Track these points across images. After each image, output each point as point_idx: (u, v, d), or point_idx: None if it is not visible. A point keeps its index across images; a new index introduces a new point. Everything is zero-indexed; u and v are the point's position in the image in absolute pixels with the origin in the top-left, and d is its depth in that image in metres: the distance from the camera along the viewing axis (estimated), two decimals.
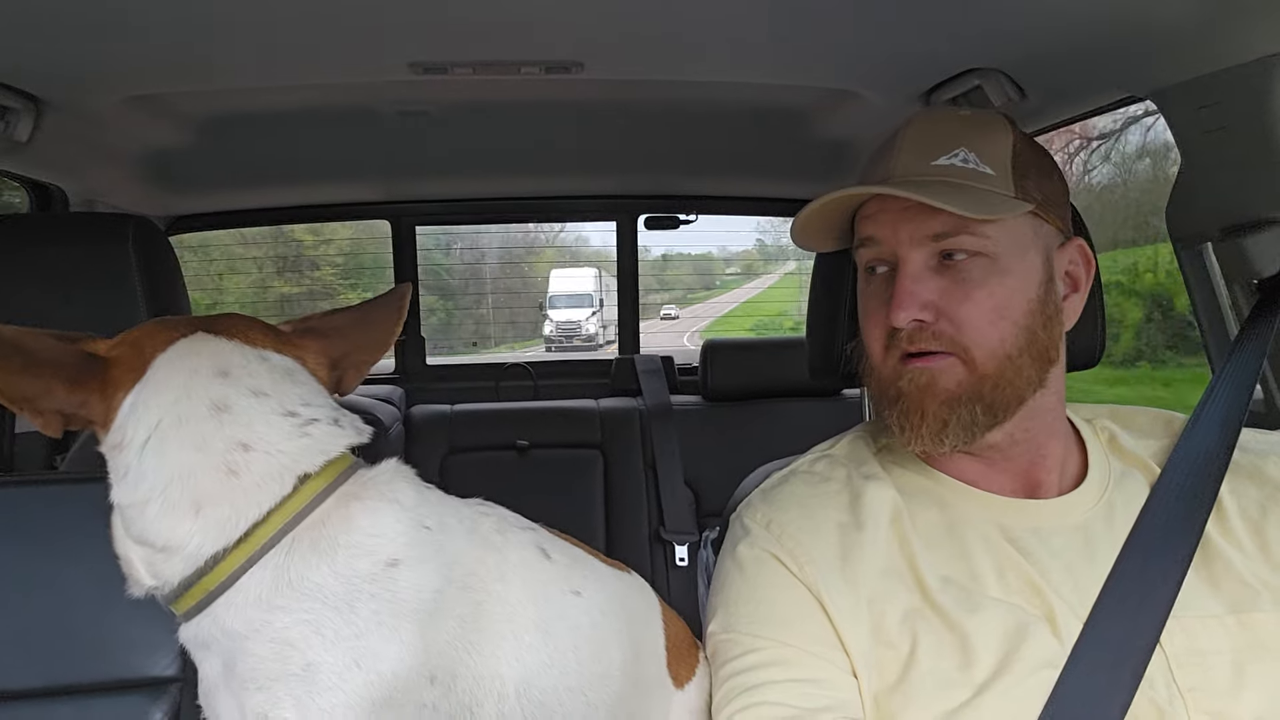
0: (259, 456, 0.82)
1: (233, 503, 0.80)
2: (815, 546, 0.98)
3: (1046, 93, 1.49)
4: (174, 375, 0.83)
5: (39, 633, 1.17)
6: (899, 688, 0.90)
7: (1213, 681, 0.86)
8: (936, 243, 0.94)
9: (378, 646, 0.78)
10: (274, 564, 0.79)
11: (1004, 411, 0.95)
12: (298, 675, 0.77)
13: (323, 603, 0.78)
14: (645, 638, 1.02)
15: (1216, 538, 0.94)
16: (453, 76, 1.53)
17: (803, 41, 1.42)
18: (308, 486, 0.82)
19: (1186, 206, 1.32)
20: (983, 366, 0.94)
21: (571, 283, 17.05)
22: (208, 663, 0.83)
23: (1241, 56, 1.14)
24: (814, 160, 2.45)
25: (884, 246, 0.98)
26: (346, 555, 0.81)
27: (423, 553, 0.84)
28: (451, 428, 2.78)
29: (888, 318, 0.96)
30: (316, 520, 0.82)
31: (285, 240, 7.72)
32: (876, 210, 0.99)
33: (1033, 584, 0.92)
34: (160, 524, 0.80)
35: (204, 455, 0.80)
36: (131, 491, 0.81)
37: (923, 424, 0.95)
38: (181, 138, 2.00)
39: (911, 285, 0.94)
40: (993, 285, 0.94)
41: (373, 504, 0.85)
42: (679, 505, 2.68)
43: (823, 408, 2.83)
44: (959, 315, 0.93)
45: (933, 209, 0.92)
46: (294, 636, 0.78)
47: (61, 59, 1.37)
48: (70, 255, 1.19)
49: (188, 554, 0.80)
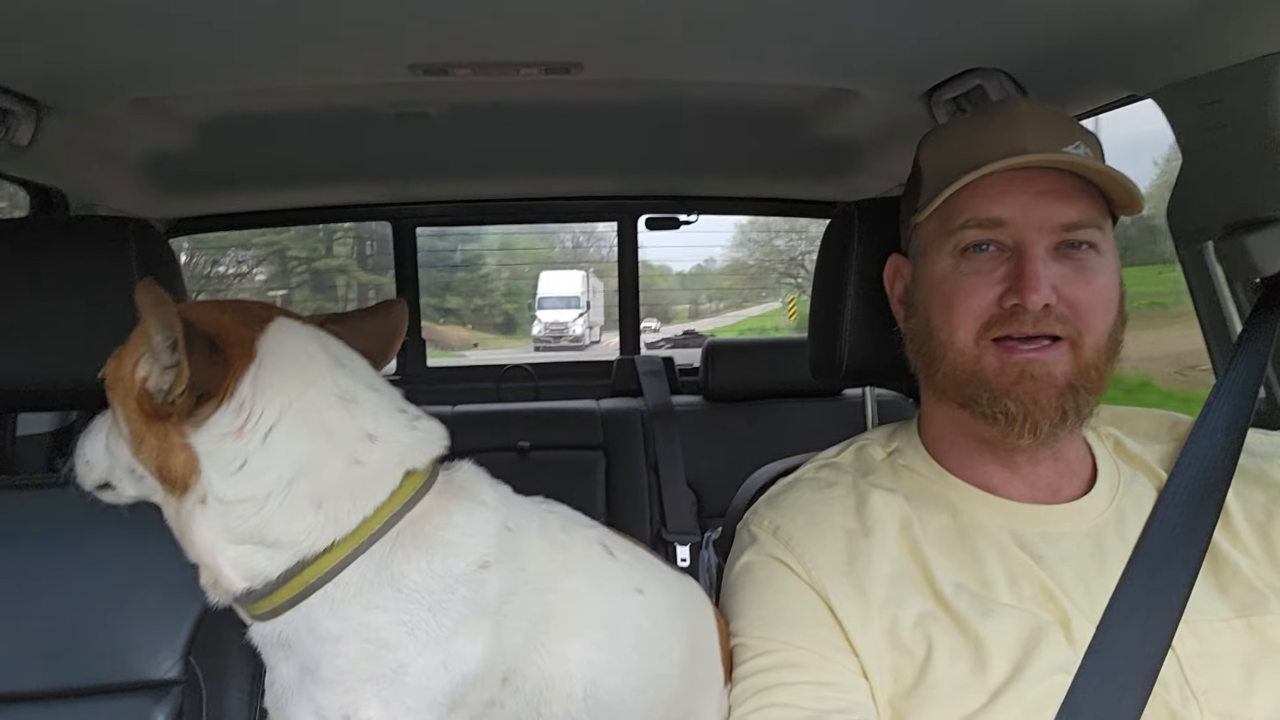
0: (380, 448, 0.82)
1: (353, 494, 0.80)
2: (822, 552, 0.99)
3: (1047, 92, 1.49)
4: (290, 360, 0.82)
5: (41, 635, 1.17)
6: (914, 692, 0.90)
7: (1225, 684, 0.86)
8: (1067, 231, 0.94)
9: (465, 649, 0.78)
10: (379, 555, 0.79)
11: (1096, 404, 0.96)
12: (387, 677, 0.76)
13: (418, 603, 0.78)
14: (702, 636, 1.01)
15: (1223, 543, 0.94)
16: (453, 78, 1.53)
17: (803, 41, 1.41)
18: (411, 481, 0.83)
19: (1188, 205, 1.31)
20: (1088, 355, 0.94)
21: (560, 284, 17.17)
22: (284, 665, 0.82)
23: (1242, 55, 1.14)
24: (814, 160, 2.45)
25: (1009, 228, 0.95)
26: (444, 553, 0.81)
27: (507, 555, 0.84)
28: (452, 429, 2.77)
29: (1001, 298, 0.94)
30: (419, 514, 0.82)
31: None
32: (1003, 190, 0.96)
33: (1046, 589, 0.92)
34: (278, 517, 0.78)
35: (333, 444, 0.80)
36: (250, 484, 0.78)
37: (1043, 416, 0.94)
38: (182, 140, 2.00)
39: (1043, 269, 0.93)
40: (1105, 276, 0.95)
41: (466, 504, 0.85)
42: (681, 506, 2.68)
43: (824, 408, 2.82)
44: (1080, 301, 0.93)
45: (1066, 195, 0.93)
46: (389, 637, 0.77)
47: (62, 62, 1.37)
48: (71, 259, 1.19)
49: (299, 547, 0.78)
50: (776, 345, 3.02)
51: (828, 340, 1.25)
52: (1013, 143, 0.96)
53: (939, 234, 1.01)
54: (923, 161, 1.08)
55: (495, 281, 19.55)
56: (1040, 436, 0.94)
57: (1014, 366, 0.94)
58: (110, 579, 1.18)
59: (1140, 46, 1.26)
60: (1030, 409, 0.94)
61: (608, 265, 16.27)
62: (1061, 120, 1.00)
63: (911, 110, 1.69)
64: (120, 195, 2.30)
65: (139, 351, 0.80)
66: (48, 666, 1.17)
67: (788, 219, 4.28)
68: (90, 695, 1.17)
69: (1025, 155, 0.93)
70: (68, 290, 1.18)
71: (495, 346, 17.68)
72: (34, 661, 1.16)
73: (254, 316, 0.83)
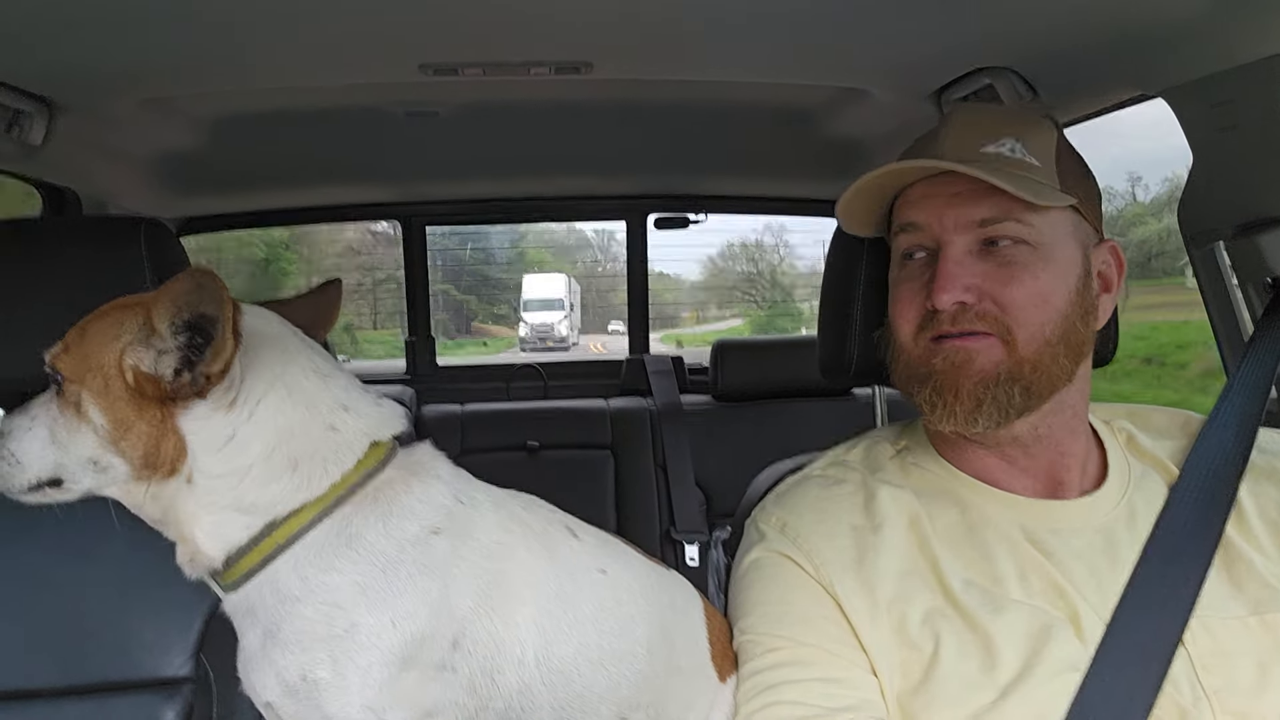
0: (353, 417, 0.88)
1: (325, 458, 0.85)
2: (830, 548, 0.99)
3: (1058, 91, 1.49)
4: (269, 339, 0.87)
5: (53, 633, 1.18)
6: (922, 689, 0.90)
7: (1237, 682, 0.86)
8: (982, 229, 0.95)
9: (412, 606, 0.82)
10: (340, 517, 0.84)
11: (1038, 399, 0.95)
12: (339, 636, 0.81)
13: (371, 563, 0.83)
14: (679, 624, 1.02)
15: (1237, 539, 0.94)
16: (463, 77, 1.53)
17: (813, 41, 1.41)
18: (374, 452, 0.89)
19: (1199, 205, 1.31)
20: (1023, 349, 0.94)
21: (543, 287, 17.48)
22: (251, 632, 0.86)
23: (1253, 54, 1.13)
24: (823, 159, 2.45)
25: (926, 231, 0.98)
26: (400, 516, 0.86)
27: (457, 524, 0.89)
28: (463, 428, 2.78)
29: (926, 300, 0.96)
30: (381, 482, 0.88)
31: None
32: (921, 195, 0.99)
33: (1056, 585, 0.92)
34: (255, 484, 0.83)
35: (313, 412, 0.86)
36: (235, 456, 0.83)
37: (956, 401, 0.95)
38: (193, 140, 2.01)
39: (954, 268, 0.95)
40: (1036, 271, 0.95)
41: (425, 475, 0.91)
42: (690, 505, 2.68)
43: (833, 407, 2.82)
44: (1003, 297, 0.94)
45: (979, 195, 0.93)
46: (343, 598, 0.82)
47: (74, 63, 1.38)
48: (83, 258, 1.20)
49: (270, 510, 0.83)
50: (786, 345, 3.01)
51: (837, 339, 1.25)
52: (932, 149, 0.99)
53: (894, 242, 1.05)
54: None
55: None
56: (958, 423, 0.96)
57: (939, 354, 0.96)
58: (122, 577, 1.19)
59: (1151, 46, 1.25)
60: (946, 395, 0.96)
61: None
62: (992, 119, 1.01)
63: (921, 110, 1.69)
64: (131, 195, 2.32)
65: (123, 339, 0.82)
66: (59, 664, 1.17)
67: (747, 250, 4.27)
68: (101, 693, 1.18)
69: (934, 161, 0.96)
70: (80, 289, 1.19)
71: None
72: (46, 659, 1.17)
73: (228, 299, 0.85)
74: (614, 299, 11.07)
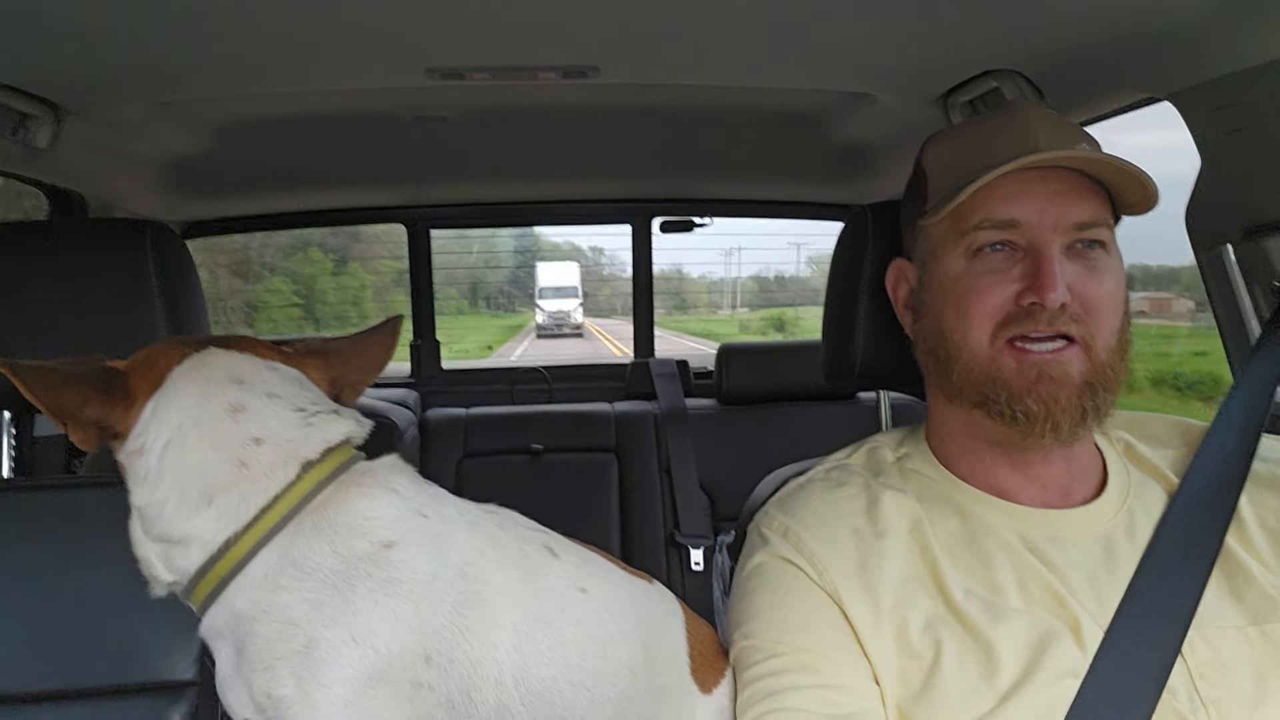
0: (268, 448, 0.88)
1: (241, 490, 0.86)
2: (833, 553, 0.98)
3: (1065, 94, 1.48)
4: (191, 383, 0.89)
5: (58, 636, 1.18)
6: (923, 697, 0.89)
7: (1235, 693, 0.85)
8: (1080, 231, 0.95)
9: (373, 623, 0.82)
10: (280, 545, 0.85)
11: (1109, 405, 0.96)
12: (299, 652, 0.81)
13: (322, 581, 0.83)
14: (661, 642, 1.01)
15: (1236, 549, 0.94)
16: (469, 81, 1.53)
17: (819, 45, 1.41)
18: (311, 474, 0.88)
19: (1206, 208, 1.31)
20: (1101, 355, 0.94)
21: (558, 275, 17.87)
22: (223, 653, 0.87)
23: (1261, 57, 1.13)
24: (830, 163, 2.45)
25: (1024, 228, 0.96)
26: (345, 536, 0.86)
27: (417, 537, 0.88)
28: (467, 431, 2.78)
29: (1018, 296, 0.94)
30: (318, 504, 0.87)
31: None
32: (1019, 191, 0.96)
33: (1055, 594, 0.91)
34: (177, 517, 0.85)
35: (220, 452, 0.86)
36: (151, 492, 0.86)
37: (1063, 415, 0.93)
38: (199, 143, 2.02)
39: (1059, 267, 0.93)
40: (1114, 276, 0.95)
41: (369, 490, 0.90)
42: (694, 509, 2.67)
43: (838, 411, 2.82)
44: (1093, 300, 0.94)
45: (1078, 195, 0.94)
46: (296, 615, 0.82)
47: (82, 66, 1.38)
48: (89, 261, 1.20)
49: (203, 542, 0.85)
50: (790, 349, 3.01)
51: (841, 343, 1.25)
52: (1026, 143, 0.96)
53: (950, 235, 1.00)
54: (927, 164, 1.08)
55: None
56: (1061, 435, 0.94)
57: (1032, 367, 0.94)
58: (128, 580, 1.19)
59: (1158, 48, 1.25)
60: (1051, 408, 0.93)
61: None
62: (1068, 123, 1.01)
63: (927, 113, 1.68)
64: (138, 198, 2.32)
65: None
66: (65, 667, 1.17)
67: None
68: (107, 696, 1.18)
69: (1040, 154, 0.93)
70: (86, 292, 1.19)
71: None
72: (51, 662, 1.17)
73: (178, 353, 0.92)
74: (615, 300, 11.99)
